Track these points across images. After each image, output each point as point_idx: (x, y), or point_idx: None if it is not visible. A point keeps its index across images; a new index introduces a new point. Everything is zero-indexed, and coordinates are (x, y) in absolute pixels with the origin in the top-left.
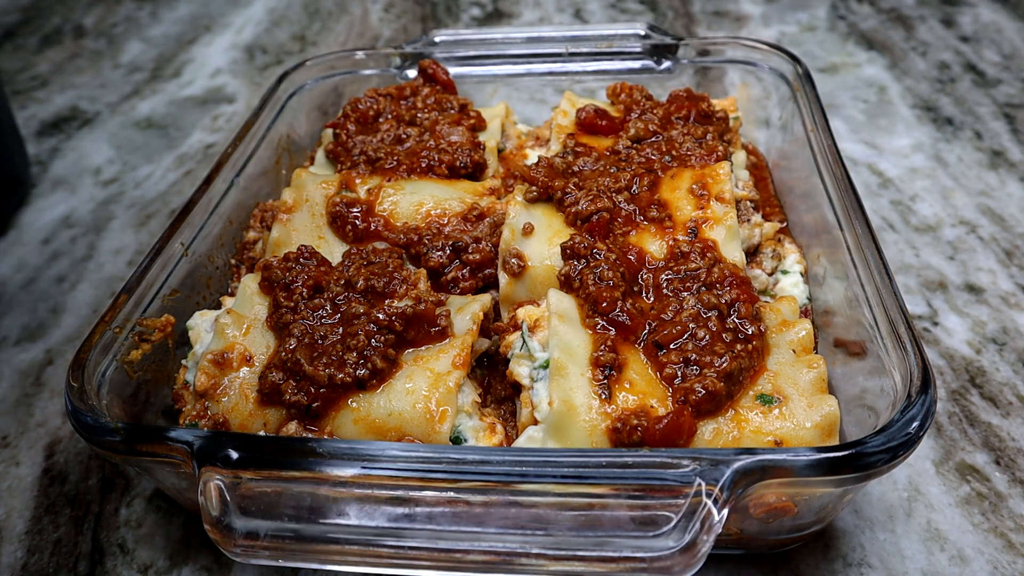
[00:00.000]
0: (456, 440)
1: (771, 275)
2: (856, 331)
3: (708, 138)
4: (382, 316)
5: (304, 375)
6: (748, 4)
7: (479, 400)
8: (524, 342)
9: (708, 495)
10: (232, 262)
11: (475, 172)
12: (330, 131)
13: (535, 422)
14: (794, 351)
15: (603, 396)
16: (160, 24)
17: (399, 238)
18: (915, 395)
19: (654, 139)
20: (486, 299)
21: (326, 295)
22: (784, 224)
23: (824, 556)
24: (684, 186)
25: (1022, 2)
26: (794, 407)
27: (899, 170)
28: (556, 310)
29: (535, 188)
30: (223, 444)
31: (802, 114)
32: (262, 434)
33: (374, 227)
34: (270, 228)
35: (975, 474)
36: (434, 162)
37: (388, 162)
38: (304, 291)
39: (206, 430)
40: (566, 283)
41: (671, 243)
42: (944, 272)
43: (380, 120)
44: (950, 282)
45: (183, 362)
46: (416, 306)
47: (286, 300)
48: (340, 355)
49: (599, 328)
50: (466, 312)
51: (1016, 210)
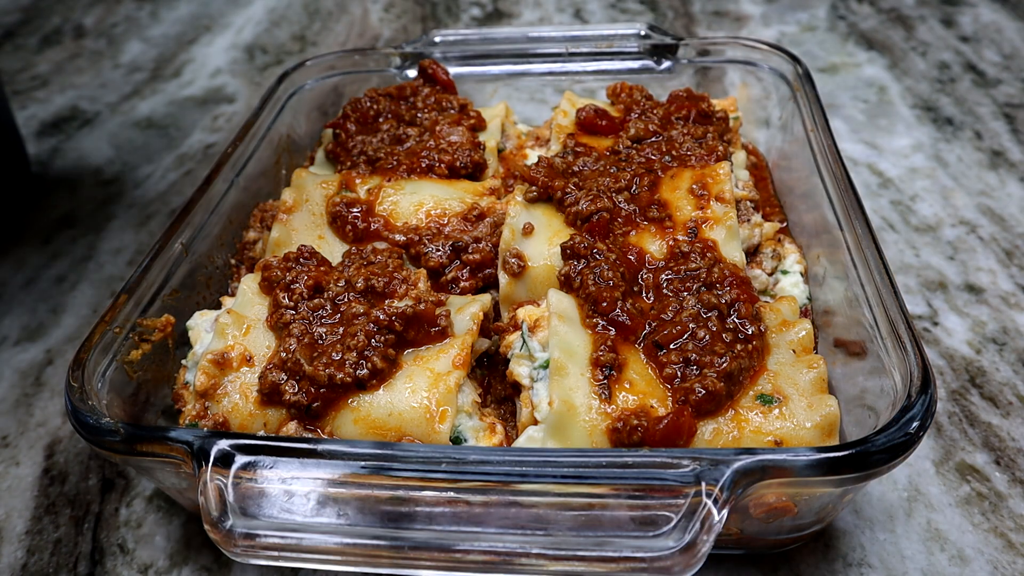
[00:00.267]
0: (456, 440)
1: (771, 275)
2: (856, 331)
3: (708, 138)
4: (382, 316)
5: (304, 375)
6: (748, 4)
7: (479, 400)
8: (524, 342)
9: (708, 495)
10: (232, 262)
11: (475, 172)
12: (330, 131)
13: (535, 422)
14: (794, 351)
15: (603, 396)
16: (160, 24)
17: (399, 238)
18: (915, 395)
19: (654, 139)
20: (486, 299)
21: (326, 295)
22: (784, 224)
23: (824, 556)
24: (684, 186)
25: (1022, 2)
26: (794, 407)
27: (899, 170)
28: (556, 310)
29: (535, 188)
30: (223, 444)
31: (802, 114)
32: (262, 434)
33: (374, 227)
34: (270, 228)
35: (975, 474)
36: (434, 162)
37: (388, 162)
38: (304, 291)
39: (206, 430)
40: (566, 283)
41: (671, 243)
42: (944, 272)
43: (380, 120)
44: (950, 282)
45: (183, 362)
46: (416, 306)
47: (286, 300)
48: (340, 355)
49: (599, 328)
50: (466, 312)
51: (1016, 210)
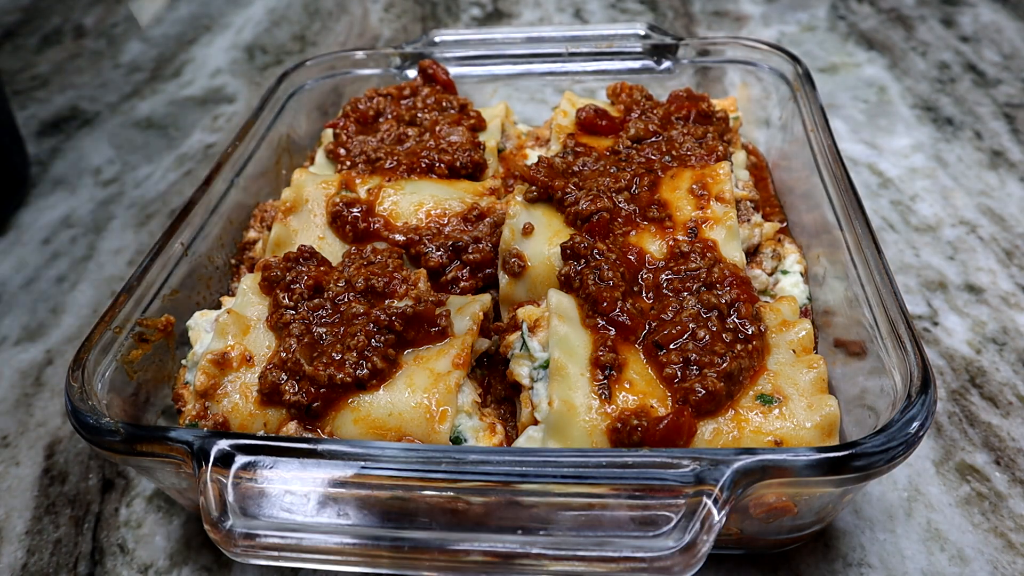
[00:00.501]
0: (456, 440)
1: (771, 275)
2: (856, 331)
3: (708, 138)
4: (382, 316)
5: (304, 375)
6: (748, 4)
7: (479, 400)
8: (524, 342)
9: (708, 495)
10: (232, 262)
11: (475, 172)
12: (330, 131)
13: (535, 422)
14: (794, 351)
15: (603, 396)
16: (160, 24)
17: (399, 238)
18: (915, 395)
19: (654, 139)
20: (486, 299)
21: (326, 295)
22: (784, 224)
23: (824, 556)
24: (684, 186)
25: (1022, 2)
26: (794, 407)
27: (899, 170)
28: (556, 310)
29: (535, 188)
30: (223, 444)
31: (802, 114)
32: (262, 434)
33: (374, 227)
34: (270, 228)
35: (975, 474)
36: (434, 162)
37: (388, 162)
38: (304, 291)
39: (206, 430)
40: (566, 283)
41: (671, 243)
42: (944, 272)
43: (380, 120)
44: (950, 282)
45: (183, 362)
46: (416, 306)
47: (286, 300)
48: (340, 355)
49: (599, 328)
50: (466, 312)
51: (1016, 210)
